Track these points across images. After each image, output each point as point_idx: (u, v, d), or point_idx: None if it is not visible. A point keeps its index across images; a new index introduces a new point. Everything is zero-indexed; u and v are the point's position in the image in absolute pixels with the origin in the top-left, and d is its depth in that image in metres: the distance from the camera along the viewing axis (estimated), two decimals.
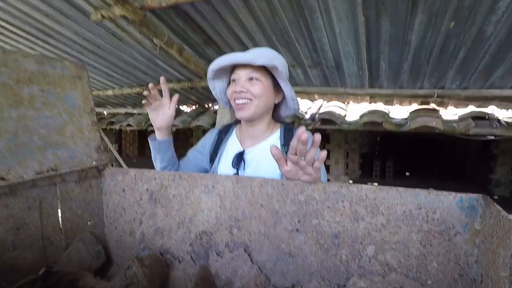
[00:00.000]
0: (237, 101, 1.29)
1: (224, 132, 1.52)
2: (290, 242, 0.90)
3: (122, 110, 5.87)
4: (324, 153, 0.77)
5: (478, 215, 0.71)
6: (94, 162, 1.19)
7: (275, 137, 1.40)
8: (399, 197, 0.77)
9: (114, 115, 5.86)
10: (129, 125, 5.15)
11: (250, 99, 1.27)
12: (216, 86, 1.42)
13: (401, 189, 0.76)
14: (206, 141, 1.52)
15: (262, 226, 0.93)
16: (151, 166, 1.48)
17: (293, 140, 0.78)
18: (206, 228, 1.02)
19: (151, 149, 1.45)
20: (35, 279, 0.78)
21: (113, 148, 1.47)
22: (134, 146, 8.04)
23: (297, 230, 0.89)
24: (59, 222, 1.11)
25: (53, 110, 1.07)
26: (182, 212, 1.06)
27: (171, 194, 1.08)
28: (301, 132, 0.74)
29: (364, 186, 0.80)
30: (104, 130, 7.12)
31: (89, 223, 1.20)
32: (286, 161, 0.86)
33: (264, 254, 0.94)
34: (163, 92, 1.36)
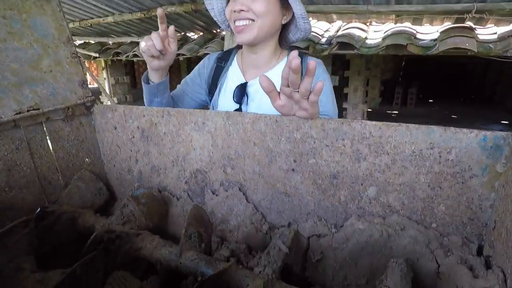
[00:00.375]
0: (237, 23, 1.08)
1: (224, 59, 1.32)
2: (285, 182, 0.84)
3: (128, 39, 5.59)
4: (320, 84, 0.63)
5: (503, 156, 0.59)
6: (80, 99, 1.11)
7: (282, 67, 1.22)
8: (409, 135, 0.66)
9: (119, 45, 5.60)
10: (135, 55, 4.94)
11: (252, 19, 1.06)
12: (214, 5, 1.21)
13: (412, 126, 0.65)
14: (204, 70, 1.32)
15: (256, 165, 0.87)
16: None
17: (284, 68, 0.65)
18: (200, 166, 0.97)
19: (144, 93, 1.23)
20: (27, 220, 0.78)
21: (98, 82, 1.37)
22: None
23: (292, 169, 0.82)
24: (54, 161, 1.09)
25: (22, 40, 0.95)
26: (174, 150, 1.00)
27: (162, 132, 1.01)
28: (292, 58, 0.60)
29: (368, 122, 0.68)
30: (112, 61, 6.93)
31: (87, 160, 1.18)
32: (279, 94, 0.74)
33: (259, 193, 0.89)
34: (169, 40, 1.07)
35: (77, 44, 6.05)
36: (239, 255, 0.82)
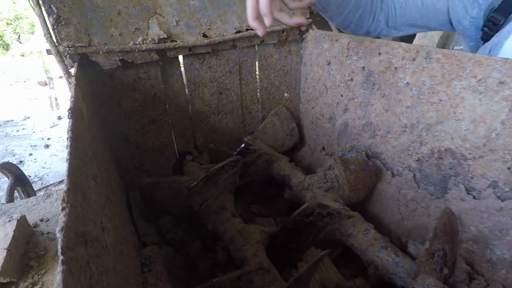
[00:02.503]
0: None
1: None
2: None
3: None
4: None
5: None
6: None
7: None
8: None
9: None
10: None
11: None
12: None
13: None
14: None
15: None
16: None
17: None
18: (457, 147, 0.62)
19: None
20: (236, 160, 0.70)
21: None
22: None
23: None
24: (256, 91, 0.98)
25: None
26: (416, 111, 0.68)
27: (403, 81, 0.70)
28: None
29: None
30: None
31: (286, 95, 1.04)
32: None
33: None
34: None
35: None
36: None
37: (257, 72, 0.95)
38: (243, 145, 0.91)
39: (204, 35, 0.80)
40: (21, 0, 7.74)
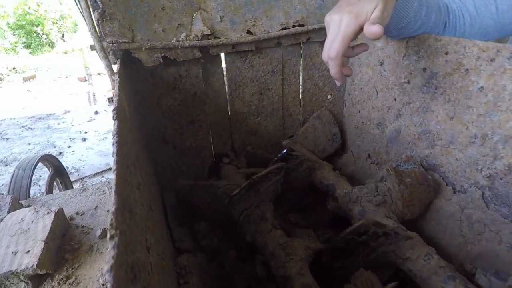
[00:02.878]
0: None
1: None
2: None
3: None
4: None
5: None
6: None
7: None
8: None
9: None
10: None
11: None
12: None
13: None
14: None
15: None
16: None
17: None
18: None
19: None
20: (281, 167, 0.64)
21: None
22: None
23: None
24: (299, 92, 0.92)
25: None
26: (492, 121, 0.59)
27: (477, 85, 0.61)
28: None
29: None
30: None
31: (329, 97, 0.97)
32: None
33: None
34: None
35: None
36: None
37: (300, 72, 0.89)
38: (285, 150, 0.85)
39: (249, 32, 0.75)
40: (67, 1, 8.22)
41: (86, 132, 3.42)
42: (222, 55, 0.77)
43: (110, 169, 2.69)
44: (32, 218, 0.86)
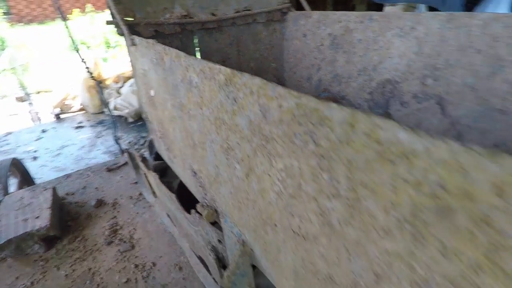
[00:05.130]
0: None
1: None
2: (508, 97, 0.73)
3: None
4: None
5: None
6: (278, 5, 1.20)
7: None
8: None
9: None
10: None
11: None
12: None
13: None
14: None
15: (470, 76, 0.78)
16: None
17: None
18: (392, 76, 0.94)
19: None
20: None
21: None
22: None
23: None
24: (250, 60, 1.27)
25: None
26: (366, 58, 1.00)
27: (356, 39, 1.01)
28: None
29: None
30: None
31: (272, 65, 1.33)
32: None
33: (462, 109, 0.82)
34: None
35: None
36: None
37: (250, 46, 1.24)
38: None
39: (213, 14, 1.08)
40: None
41: (35, 151, 3.33)
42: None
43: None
44: (31, 195, 1.05)
